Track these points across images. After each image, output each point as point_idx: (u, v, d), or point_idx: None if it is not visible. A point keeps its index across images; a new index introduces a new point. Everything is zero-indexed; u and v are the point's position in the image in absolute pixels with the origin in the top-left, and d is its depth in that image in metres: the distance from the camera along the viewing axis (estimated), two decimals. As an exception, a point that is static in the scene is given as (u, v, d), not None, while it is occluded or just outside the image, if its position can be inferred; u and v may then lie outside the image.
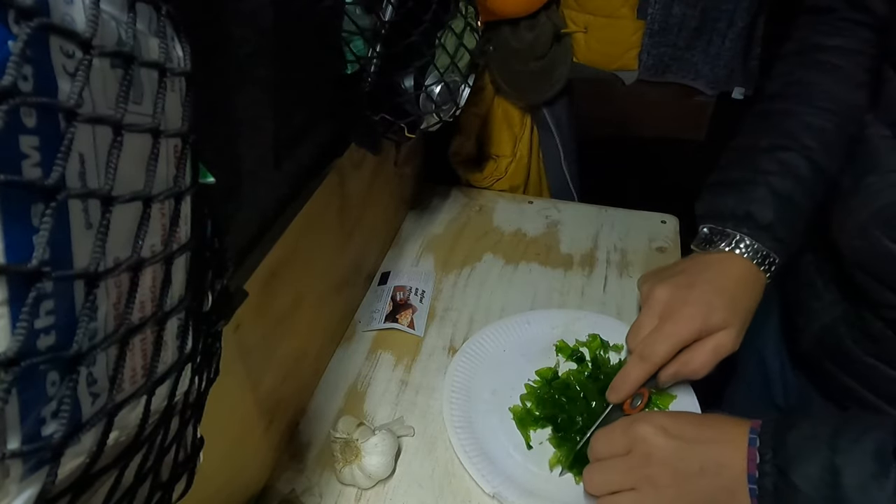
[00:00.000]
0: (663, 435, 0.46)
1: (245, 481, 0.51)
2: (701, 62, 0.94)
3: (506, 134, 0.91)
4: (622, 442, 0.48)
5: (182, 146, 0.22)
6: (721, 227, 0.58)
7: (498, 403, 0.60)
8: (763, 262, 0.56)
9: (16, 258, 0.15)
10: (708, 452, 0.45)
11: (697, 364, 0.54)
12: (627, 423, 0.49)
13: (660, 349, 0.54)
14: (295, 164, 0.53)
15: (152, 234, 0.21)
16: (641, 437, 0.47)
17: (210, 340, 0.27)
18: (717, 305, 0.54)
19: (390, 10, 0.49)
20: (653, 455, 0.46)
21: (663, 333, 0.54)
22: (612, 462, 0.49)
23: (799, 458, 0.41)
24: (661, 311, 0.56)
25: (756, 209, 0.57)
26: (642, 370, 0.54)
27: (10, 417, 0.15)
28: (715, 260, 0.57)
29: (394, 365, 0.65)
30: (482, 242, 0.82)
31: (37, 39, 0.15)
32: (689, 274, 0.57)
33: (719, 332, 0.54)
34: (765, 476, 0.42)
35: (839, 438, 0.41)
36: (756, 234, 0.56)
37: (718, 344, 0.54)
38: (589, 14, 0.89)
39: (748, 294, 0.56)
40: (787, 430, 0.43)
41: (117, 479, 0.21)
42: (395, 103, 0.55)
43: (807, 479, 0.40)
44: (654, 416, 0.49)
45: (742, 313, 0.55)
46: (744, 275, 0.56)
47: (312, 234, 0.55)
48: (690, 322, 0.54)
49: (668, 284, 0.57)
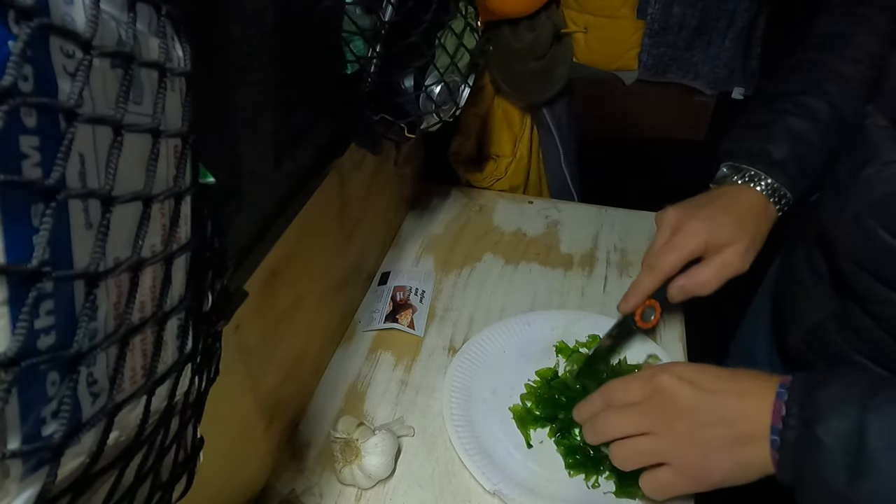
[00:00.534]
0: (683, 384, 0.47)
1: (245, 481, 0.51)
2: (701, 62, 0.94)
3: (506, 134, 0.91)
4: (641, 390, 0.49)
5: (182, 146, 0.22)
6: (738, 164, 0.61)
7: (498, 403, 0.60)
8: (774, 195, 0.59)
9: (16, 258, 0.15)
10: (729, 403, 0.46)
11: (703, 277, 0.56)
12: (649, 373, 0.49)
13: (667, 259, 0.57)
14: (295, 164, 0.53)
15: (152, 234, 0.21)
16: (663, 387, 0.47)
17: (210, 340, 0.27)
18: (723, 222, 0.56)
19: (390, 10, 0.49)
20: (674, 403, 0.47)
21: (671, 245, 0.57)
22: (627, 409, 0.49)
23: (827, 413, 0.41)
24: (672, 228, 0.59)
25: (771, 147, 0.59)
26: (651, 279, 0.57)
27: (10, 417, 0.15)
28: (728, 189, 0.60)
29: (394, 365, 0.65)
30: (482, 242, 0.82)
31: (37, 39, 0.15)
32: (701, 199, 0.60)
33: (727, 249, 0.56)
34: (788, 429, 0.42)
35: (872, 397, 0.40)
36: (770, 169, 0.59)
37: (725, 260, 0.56)
38: (589, 14, 0.89)
39: (757, 219, 0.58)
40: (817, 386, 0.43)
41: (117, 480, 0.21)
42: (395, 103, 0.55)
43: (832, 434, 0.40)
44: (676, 367, 0.49)
45: (750, 233, 0.57)
46: (754, 204, 0.58)
47: (312, 234, 0.55)
48: (697, 235, 0.56)
49: (679, 206, 0.60)
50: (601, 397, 0.52)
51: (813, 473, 0.41)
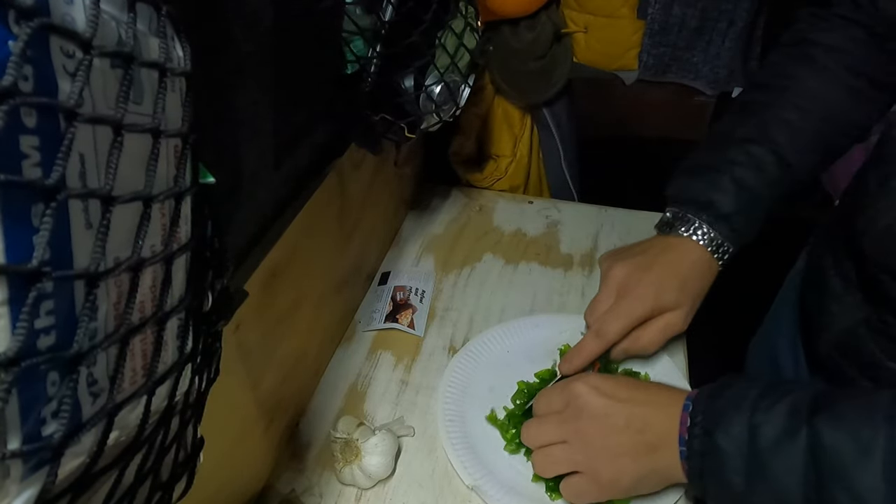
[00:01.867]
0: (596, 393, 0.49)
1: (245, 481, 0.51)
2: (701, 62, 0.94)
3: (506, 134, 0.91)
4: (559, 400, 0.51)
5: (182, 146, 0.22)
6: (683, 212, 0.61)
7: (493, 401, 0.60)
8: (717, 251, 0.60)
9: (16, 258, 0.15)
10: (635, 411, 0.48)
11: (646, 341, 0.58)
12: (565, 383, 0.52)
13: (614, 326, 0.57)
14: (295, 164, 0.53)
15: (152, 234, 0.21)
16: (576, 394, 0.50)
17: (210, 340, 0.27)
18: (669, 287, 0.58)
19: (390, 10, 0.49)
20: (584, 410, 0.49)
21: (617, 312, 0.58)
22: (547, 417, 0.52)
23: (723, 419, 0.43)
24: (618, 289, 0.59)
25: (718, 198, 0.59)
26: (597, 346, 0.58)
27: (10, 417, 0.15)
28: (672, 244, 0.61)
29: (394, 365, 0.65)
30: (482, 242, 0.81)
31: (37, 39, 0.15)
32: (646, 255, 0.61)
33: (669, 313, 0.58)
34: (693, 437, 0.44)
35: (761, 401, 0.42)
36: (714, 222, 0.59)
37: (668, 323, 0.58)
38: (589, 14, 0.89)
39: (700, 279, 0.59)
40: (716, 395, 0.45)
41: (117, 480, 0.21)
42: (395, 103, 0.55)
43: (729, 439, 0.42)
44: (590, 377, 0.51)
45: (692, 296, 0.59)
46: (698, 261, 0.59)
47: (312, 234, 0.55)
48: (643, 302, 0.57)
49: (626, 264, 0.60)
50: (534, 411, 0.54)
51: (716, 479, 0.43)
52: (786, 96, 0.61)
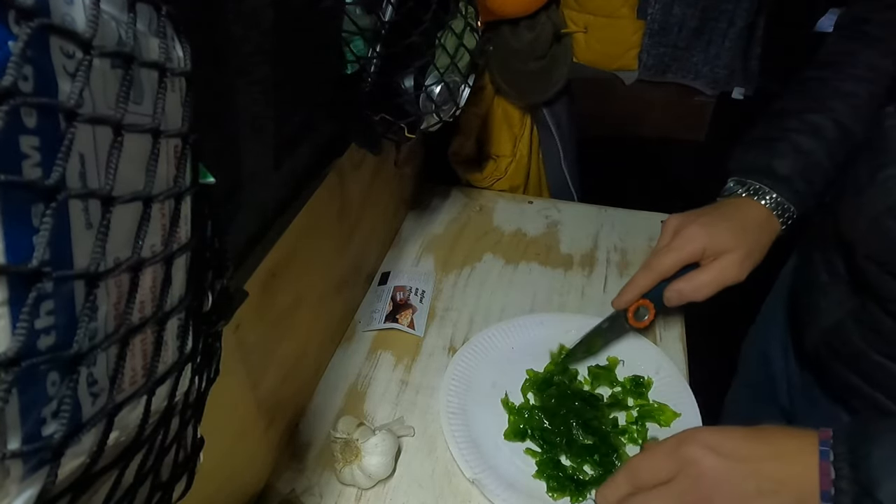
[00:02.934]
0: (714, 455, 0.43)
1: (245, 481, 0.51)
2: (701, 62, 0.94)
3: (506, 134, 0.91)
4: (667, 466, 0.44)
5: (182, 146, 0.22)
6: (744, 179, 0.62)
7: (496, 396, 0.60)
8: (778, 209, 0.60)
9: (16, 258, 0.15)
10: (765, 469, 0.42)
11: (700, 282, 0.57)
12: (673, 445, 0.45)
13: (665, 260, 0.58)
14: (295, 164, 0.53)
15: (152, 234, 0.20)
16: (690, 459, 0.43)
17: (210, 340, 0.27)
18: (723, 228, 0.58)
19: (390, 10, 0.49)
20: (704, 476, 0.42)
21: (669, 247, 0.59)
22: (660, 491, 0.44)
23: (884, 473, 0.38)
24: (672, 231, 0.60)
25: (777, 162, 0.60)
26: (647, 277, 0.58)
27: (10, 417, 0.15)
28: (733, 201, 0.61)
29: (394, 365, 0.65)
30: (482, 242, 0.82)
31: (37, 40, 0.15)
32: (705, 209, 0.61)
33: (724, 255, 0.57)
34: (842, 493, 0.39)
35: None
36: (775, 184, 0.60)
37: (723, 267, 0.57)
38: (589, 14, 0.89)
39: (759, 231, 0.59)
40: (865, 441, 0.40)
41: (117, 480, 0.21)
42: (395, 103, 0.55)
43: (892, 498, 0.37)
44: (701, 434, 0.45)
45: (749, 243, 0.58)
46: (757, 216, 0.60)
47: (312, 234, 0.55)
48: (696, 239, 0.58)
49: (683, 214, 0.61)
50: (626, 478, 0.46)
51: None
52: (842, 69, 0.62)
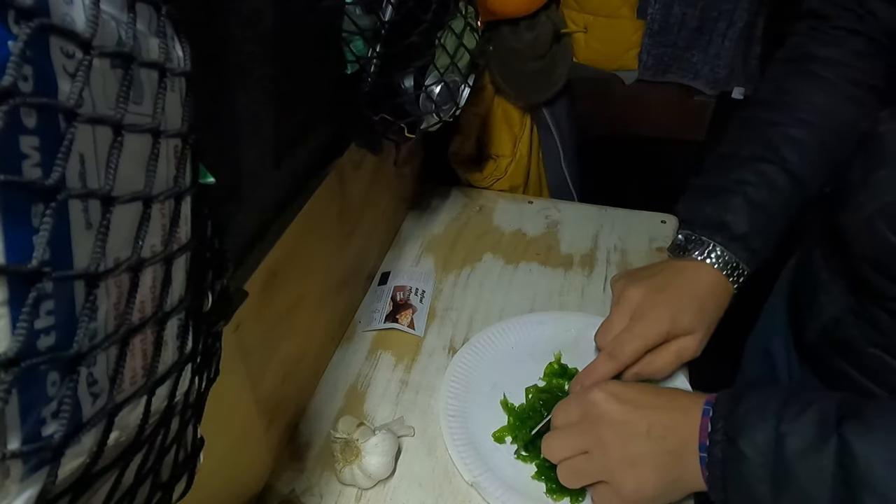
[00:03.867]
0: (614, 400, 0.48)
1: (245, 481, 0.51)
2: (701, 62, 0.94)
3: (506, 134, 0.91)
4: (576, 410, 0.50)
5: (182, 146, 0.22)
6: (697, 235, 0.60)
7: (496, 397, 0.60)
8: (732, 273, 0.58)
9: (16, 258, 0.15)
10: (655, 416, 0.47)
11: (659, 365, 0.56)
12: (582, 392, 0.51)
13: (628, 349, 0.56)
14: (295, 164, 0.53)
15: (152, 234, 0.20)
16: (593, 402, 0.49)
17: (210, 341, 0.27)
18: (685, 310, 0.56)
19: (390, 10, 0.49)
20: (602, 418, 0.48)
21: (632, 333, 0.56)
22: (566, 429, 0.51)
23: (747, 427, 0.42)
24: (633, 311, 0.58)
25: (731, 219, 0.59)
26: (610, 367, 0.56)
27: (10, 418, 0.15)
28: (686, 267, 0.59)
29: (394, 365, 0.65)
30: (482, 242, 0.81)
31: (37, 40, 0.15)
32: (661, 277, 0.59)
33: (684, 337, 0.56)
34: (715, 444, 0.43)
35: (786, 408, 0.42)
36: (729, 243, 0.58)
37: (682, 347, 0.56)
38: (589, 14, 0.89)
39: (716, 302, 0.58)
40: (738, 401, 0.44)
41: (117, 480, 0.21)
42: (394, 103, 0.55)
43: (753, 447, 0.41)
44: (607, 384, 0.51)
45: (707, 320, 0.57)
46: (713, 283, 0.58)
47: (312, 234, 0.55)
48: (658, 324, 0.56)
49: (640, 286, 0.58)
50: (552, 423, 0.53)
51: (739, 487, 0.42)
52: (791, 112, 0.61)
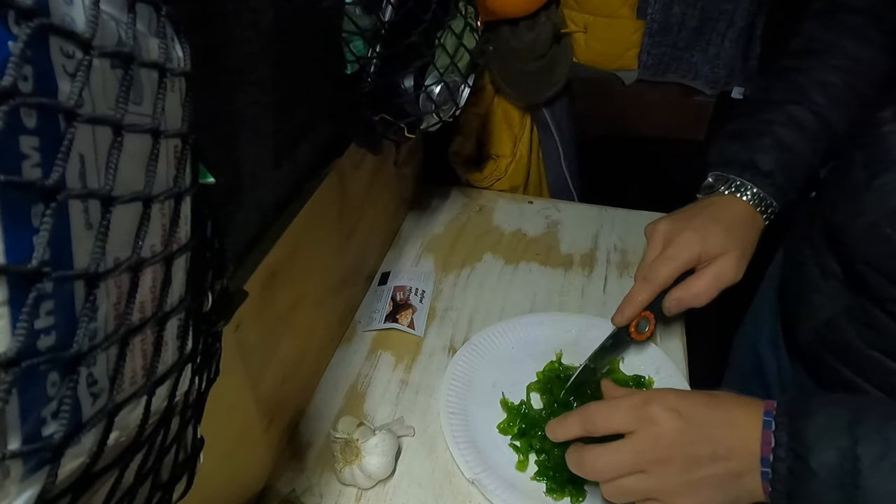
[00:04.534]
0: (677, 418, 0.45)
1: (245, 481, 0.51)
2: (700, 62, 0.94)
3: (506, 134, 0.91)
4: (628, 419, 0.46)
5: (182, 146, 0.22)
6: (725, 174, 0.61)
7: (496, 396, 0.60)
8: (760, 204, 0.60)
9: (16, 258, 0.15)
10: (718, 435, 0.44)
11: (698, 288, 0.57)
12: (637, 402, 0.47)
13: (661, 271, 0.57)
14: (295, 164, 0.53)
15: (152, 234, 0.20)
16: (653, 419, 0.45)
17: (210, 341, 0.27)
18: (714, 232, 0.57)
19: (390, 10, 0.49)
20: (663, 437, 0.45)
21: (664, 256, 0.58)
22: (617, 445, 0.47)
23: (817, 444, 0.40)
24: (663, 239, 0.59)
25: (759, 157, 0.60)
26: (646, 291, 0.57)
27: (10, 418, 0.15)
28: (716, 200, 0.61)
29: (394, 365, 0.65)
30: (482, 242, 0.82)
31: (37, 40, 0.15)
32: (690, 210, 0.61)
33: (719, 258, 0.57)
34: (779, 460, 0.41)
35: (859, 425, 0.40)
36: (757, 180, 0.60)
37: (719, 269, 0.57)
38: (589, 14, 0.89)
39: (746, 229, 0.59)
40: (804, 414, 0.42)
41: (117, 480, 0.20)
42: (394, 103, 0.55)
43: (825, 466, 0.39)
44: (665, 397, 0.47)
45: (741, 243, 0.58)
46: (742, 214, 0.59)
47: (312, 234, 0.55)
48: (689, 246, 0.57)
49: (669, 218, 0.61)
50: (580, 421, 0.48)
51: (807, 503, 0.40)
52: (820, 58, 0.62)
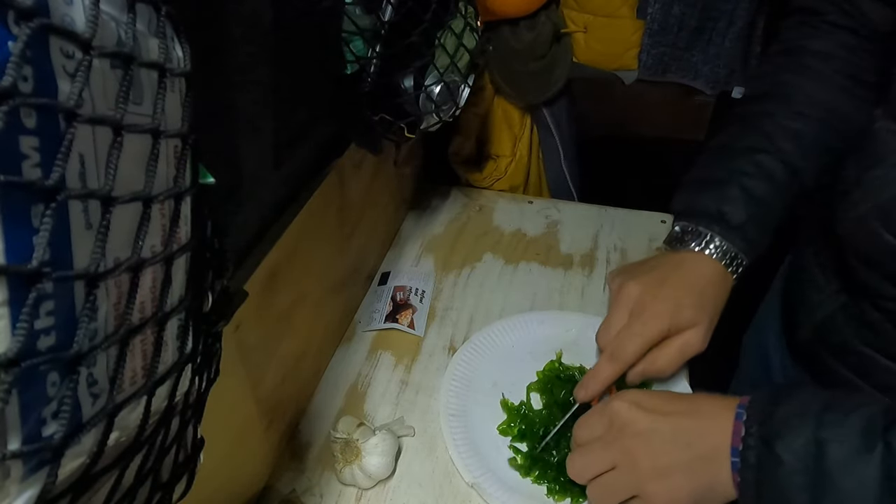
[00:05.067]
0: (637, 409, 0.47)
1: (245, 481, 0.51)
2: (701, 62, 0.94)
3: (505, 134, 0.91)
4: (599, 423, 0.49)
5: (182, 147, 0.22)
6: (693, 226, 0.59)
7: (496, 395, 0.60)
8: (731, 263, 0.57)
9: (16, 259, 0.15)
10: (681, 422, 0.45)
11: (663, 363, 0.55)
12: (603, 404, 0.49)
13: (629, 348, 0.54)
14: (295, 164, 0.53)
15: (152, 234, 0.20)
16: (615, 412, 0.47)
17: (210, 341, 0.27)
18: (685, 303, 0.55)
19: (390, 10, 0.49)
20: (626, 428, 0.46)
21: (632, 332, 0.55)
22: (590, 445, 0.49)
23: (784, 431, 0.41)
24: (632, 307, 0.56)
25: (729, 209, 0.57)
26: (612, 370, 0.55)
27: (10, 418, 0.15)
28: (685, 259, 0.58)
29: (394, 365, 0.65)
30: (482, 242, 0.82)
31: (37, 40, 0.15)
32: (659, 271, 0.58)
33: (687, 331, 0.55)
34: (748, 448, 0.42)
35: (827, 413, 0.40)
36: (727, 233, 0.57)
37: (685, 343, 0.55)
38: (588, 14, 0.89)
39: (716, 293, 0.57)
40: (774, 405, 0.43)
41: (118, 480, 0.21)
42: (394, 103, 0.55)
43: (791, 452, 0.40)
44: (628, 393, 0.49)
45: (710, 312, 0.56)
46: (712, 274, 0.57)
47: (312, 234, 0.55)
48: (659, 320, 0.54)
49: (638, 282, 0.57)
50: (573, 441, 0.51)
51: (775, 495, 0.40)
52: (786, 104, 0.61)
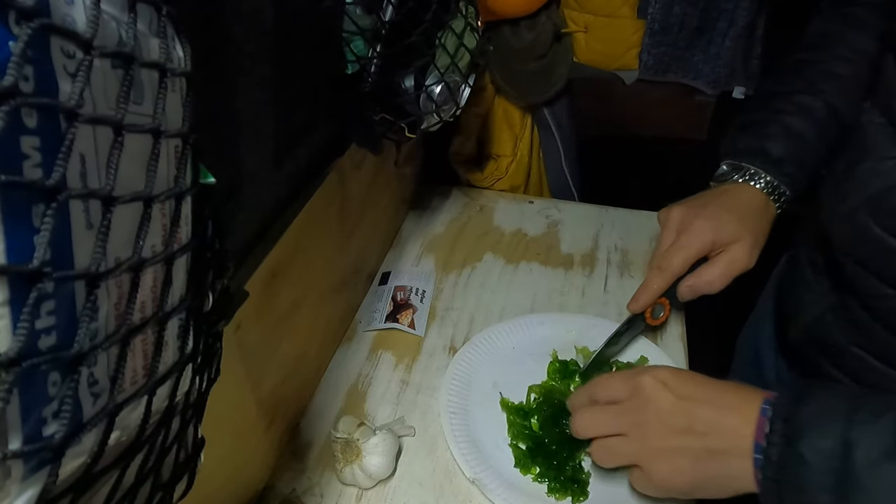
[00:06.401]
0: (663, 388, 0.47)
1: (246, 481, 0.51)
2: (701, 62, 0.94)
3: (506, 134, 0.91)
4: (623, 389, 0.49)
5: (182, 146, 0.22)
6: (738, 163, 0.62)
7: (497, 395, 0.60)
8: (773, 192, 0.60)
9: (17, 259, 0.15)
10: (700, 411, 0.45)
11: (712, 275, 0.58)
12: (631, 373, 0.50)
13: (675, 259, 0.58)
14: (295, 164, 0.53)
15: (153, 234, 0.21)
16: (641, 386, 0.48)
17: (211, 341, 0.27)
18: (727, 220, 0.58)
19: (390, 10, 0.49)
20: (648, 404, 0.47)
21: (678, 245, 0.59)
22: (606, 407, 0.50)
23: (810, 429, 0.40)
24: (677, 227, 0.60)
25: (769, 145, 0.61)
26: (661, 280, 0.58)
27: (11, 418, 0.15)
28: (729, 188, 0.62)
29: (394, 365, 0.65)
30: (482, 242, 0.81)
31: (37, 40, 0.15)
32: (703, 198, 0.62)
33: (732, 246, 0.58)
34: (772, 446, 0.41)
35: (858, 413, 0.39)
36: (768, 167, 0.60)
37: (732, 258, 0.58)
38: (589, 14, 0.89)
39: (759, 217, 0.60)
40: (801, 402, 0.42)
41: (118, 480, 0.21)
42: (395, 103, 0.55)
43: (816, 451, 0.39)
44: (659, 370, 0.49)
45: (753, 230, 0.58)
46: (755, 201, 0.60)
47: (313, 234, 0.55)
48: (702, 234, 0.58)
49: (682, 205, 0.61)
50: (586, 392, 0.52)
51: (797, 494, 0.40)
52: (829, 51, 0.63)
